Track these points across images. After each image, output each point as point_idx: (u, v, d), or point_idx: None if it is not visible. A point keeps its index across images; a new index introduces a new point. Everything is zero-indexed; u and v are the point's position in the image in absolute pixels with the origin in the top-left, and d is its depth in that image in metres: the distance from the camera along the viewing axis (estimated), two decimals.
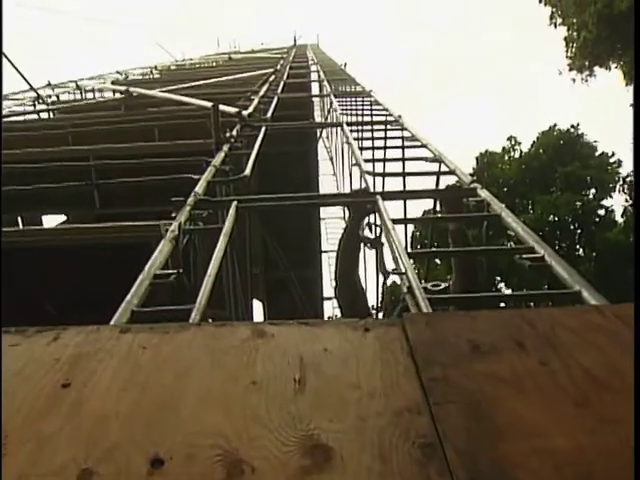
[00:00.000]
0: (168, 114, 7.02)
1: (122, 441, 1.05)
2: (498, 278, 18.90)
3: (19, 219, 6.10)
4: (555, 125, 22.02)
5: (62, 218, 6.47)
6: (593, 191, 20.33)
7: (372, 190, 3.73)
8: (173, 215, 3.10)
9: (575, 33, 20.84)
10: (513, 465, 0.98)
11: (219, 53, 22.72)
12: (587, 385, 1.19)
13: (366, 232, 3.43)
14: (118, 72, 13.73)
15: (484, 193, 3.24)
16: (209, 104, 5.29)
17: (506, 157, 22.33)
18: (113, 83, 11.62)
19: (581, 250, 19.68)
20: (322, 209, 10.89)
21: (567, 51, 21.49)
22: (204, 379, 1.23)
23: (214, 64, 17.47)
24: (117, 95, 9.47)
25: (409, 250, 2.48)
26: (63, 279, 3.98)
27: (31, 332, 1.43)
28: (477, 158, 22.22)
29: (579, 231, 19.57)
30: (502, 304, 3.02)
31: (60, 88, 11.49)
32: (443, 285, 2.24)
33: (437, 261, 20.13)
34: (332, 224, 12.89)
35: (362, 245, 3.65)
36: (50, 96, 10.68)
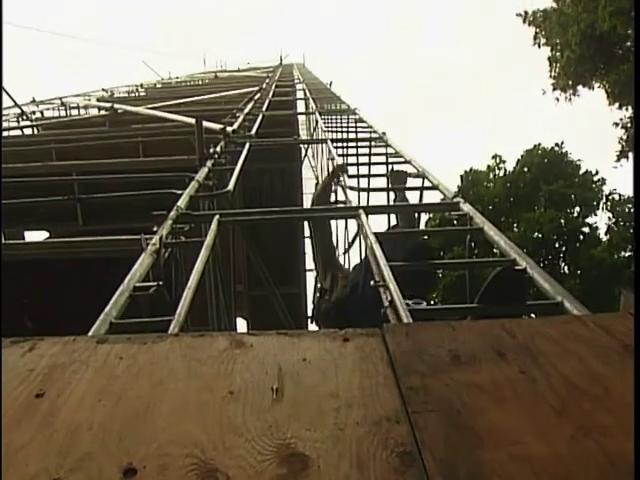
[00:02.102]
0: (152, 130, 7.02)
1: (95, 451, 1.03)
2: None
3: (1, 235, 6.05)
4: (539, 144, 22.24)
5: (45, 235, 6.43)
6: (577, 209, 20.52)
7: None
8: (154, 230, 3.09)
9: (559, 53, 21.14)
10: (491, 472, 0.97)
11: (205, 72, 22.81)
12: (566, 393, 1.19)
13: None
14: (104, 89, 13.74)
15: (467, 207, 3.26)
16: (193, 120, 5.30)
17: (491, 175, 22.48)
18: (98, 100, 11.62)
19: (566, 267, 19.80)
20: (307, 227, 10.89)
21: (551, 71, 21.77)
22: (180, 389, 1.22)
23: (200, 82, 17.53)
24: (102, 112, 9.47)
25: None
26: (44, 294, 3.94)
27: (6, 343, 1.41)
28: (462, 176, 22.34)
29: (564, 248, 19.71)
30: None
31: (45, 104, 11.46)
32: (424, 304, 2.23)
33: None
34: None
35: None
36: (34, 112, 10.64)
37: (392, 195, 4.64)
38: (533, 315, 2.25)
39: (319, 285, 4.38)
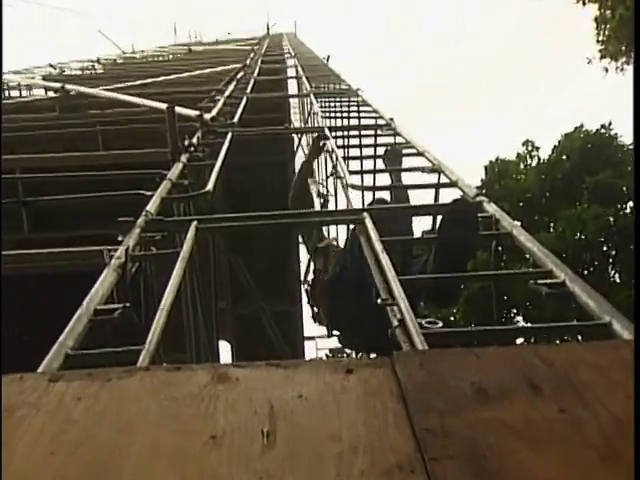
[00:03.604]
0: (114, 117, 7.03)
1: None
2: (514, 311, 18.98)
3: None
4: (581, 126, 22.19)
5: None
6: (630, 204, 20.42)
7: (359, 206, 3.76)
8: (120, 239, 3.10)
9: (609, 11, 20.64)
10: None
11: (176, 44, 22.83)
12: (616, 435, 1.19)
13: None
14: (51, 65, 13.64)
15: (492, 207, 3.27)
16: (164, 106, 5.31)
17: (522, 165, 22.48)
18: (45, 79, 11.56)
19: (616, 275, 19.75)
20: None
21: (598, 34, 21.27)
22: (152, 434, 1.23)
23: (170, 57, 17.54)
24: (50, 94, 9.45)
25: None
26: None
27: None
28: (486, 168, 22.32)
29: (613, 252, 19.65)
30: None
31: None
32: (441, 324, 2.25)
33: None
34: None
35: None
36: None
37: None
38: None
39: (312, 266, 4.85)
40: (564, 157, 21.77)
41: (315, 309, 4.94)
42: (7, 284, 3.51)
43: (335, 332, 4.76)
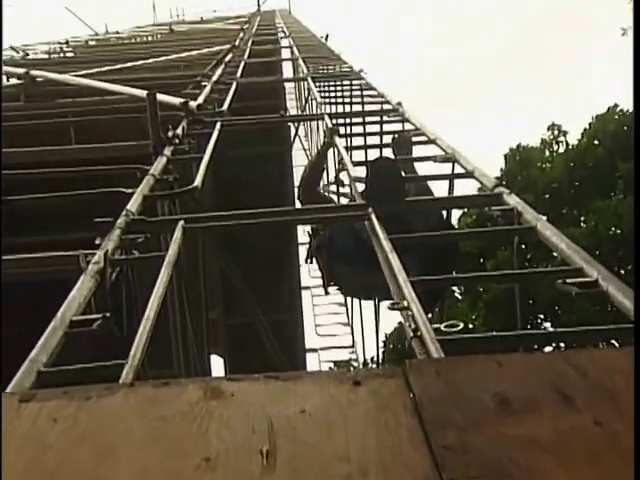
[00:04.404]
0: (87, 107, 7.03)
1: None
2: (541, 316, 18.91)
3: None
4: (615, 105, 22.01)
5: None
6: None
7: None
8: (97, 242, 3.10)
9: None
10: None
11: (156, 24, 22.85)
12: None
13: None
14: (13, 48, 13.59)
15: (513, 199, 3.27)
16: (144, 93, 5.31)
17: (547, 152, 22.34)
18: (7, 64, 11.55)
19: None
20: (301, 232, 10.91)
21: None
22: (138, 457, 1.23)
23: (150, 39, 17.57)
24: (13, 80, 9.43)
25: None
26: None
27: None
28: (506, 156, 22.21)
29: None
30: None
31: None
32: (462, 325, 2.25)
33: (457, 295, 20.19)
34: None
35: None
36: None
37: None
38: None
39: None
40: (595, 142, 21.63)
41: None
42: None
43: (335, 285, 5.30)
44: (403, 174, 4.18)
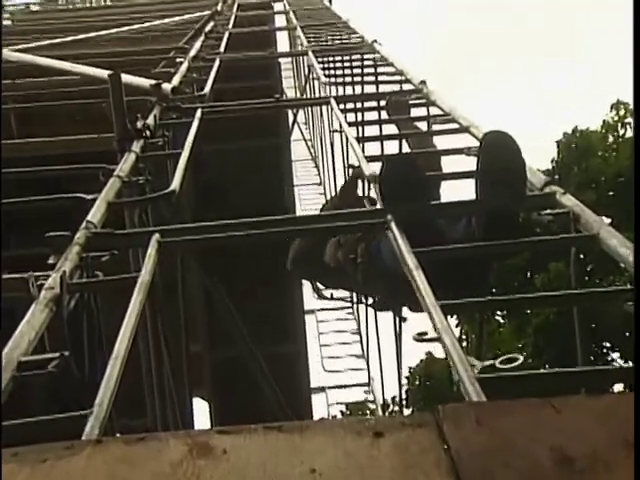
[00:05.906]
0: (34, 91, 7.00)
1: None
2: (607, 344, 18.80)
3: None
4: None
5: None
6: None
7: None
8: (52, 261, 3.10)
9: None
10: None
11: None
12: None
13: None
14: None
15: (568, 200, 3.27)
16: (105, 73, 5.31)
17: (610, 138, 22.06)
18: None
19: None
20: None
21: None
22: None
23: (109, 3, 17.51)
24: None
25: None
26: None
27: None
28: (559, 143, 21.97)
29: None
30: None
31: None
32: (521, 359, 2.24)
33: (498, 318, 20.05)
34: None
35: None
36: None
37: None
38: None
39: None
40: None
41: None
42: None
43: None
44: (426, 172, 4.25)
